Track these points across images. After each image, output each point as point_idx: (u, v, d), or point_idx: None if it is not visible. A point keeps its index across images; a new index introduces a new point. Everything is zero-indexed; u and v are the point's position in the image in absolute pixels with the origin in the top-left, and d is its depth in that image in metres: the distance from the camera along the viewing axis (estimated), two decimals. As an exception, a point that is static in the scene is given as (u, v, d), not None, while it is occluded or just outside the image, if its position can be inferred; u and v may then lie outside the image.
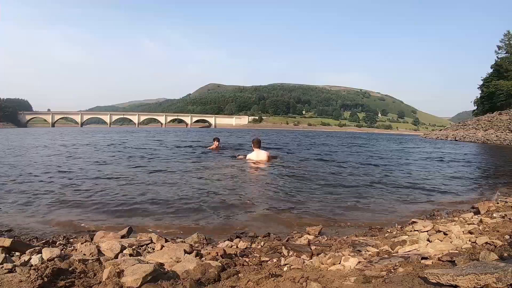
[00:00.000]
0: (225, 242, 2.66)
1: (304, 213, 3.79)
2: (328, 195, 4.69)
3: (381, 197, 4.69)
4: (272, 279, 1.66)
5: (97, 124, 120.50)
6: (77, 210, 3.65)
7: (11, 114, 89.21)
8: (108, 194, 4.38)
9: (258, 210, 3.86)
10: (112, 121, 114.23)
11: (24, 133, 31.08)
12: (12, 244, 1.97)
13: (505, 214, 3.21)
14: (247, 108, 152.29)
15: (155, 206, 3.87)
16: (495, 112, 36.52)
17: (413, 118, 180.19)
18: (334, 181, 5.82)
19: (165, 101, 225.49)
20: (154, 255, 2.11)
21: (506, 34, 45.21)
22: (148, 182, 5.25)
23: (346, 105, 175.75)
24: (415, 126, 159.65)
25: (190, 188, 4.88)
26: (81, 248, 2.12)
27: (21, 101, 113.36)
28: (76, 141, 16.63)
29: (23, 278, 1.48)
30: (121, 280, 1.53)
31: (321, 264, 2.02)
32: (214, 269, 1.76)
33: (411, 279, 1.56)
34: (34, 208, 3.70)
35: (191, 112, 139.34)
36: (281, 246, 2.43)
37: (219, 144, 10.76)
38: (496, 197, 4.66)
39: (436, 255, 2.00)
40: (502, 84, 39.79)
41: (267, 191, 4.82)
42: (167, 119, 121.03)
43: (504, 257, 1.78)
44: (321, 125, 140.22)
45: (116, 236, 2.63)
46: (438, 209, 4.12)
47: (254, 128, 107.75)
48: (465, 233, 2.57)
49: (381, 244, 2.47)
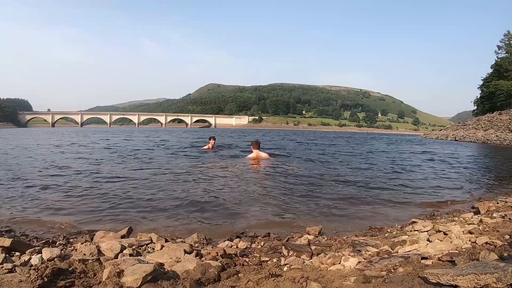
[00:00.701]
0: (225, 242, 2.66)
1: (304, 213, 3.79)
2: (328, 195, 4.69)
3: (381, 197, 4.69)
4: (272, 279, 1.66)
5: (97, 124, 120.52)
6: (77, 210, 3.65)
7: (11, 114, 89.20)
8: (108, 194, 4.38)
9: (258, 210, 3.86)
10: (112, 121, 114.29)
11: (23, 133, 31.06)
12: (12, 244, 1.97)
13: (505, 214, 3.21)
14: (247, 108, 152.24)
15: (155, 206, 3.88)
16: (495, 112, 36.51)
17: (413, 118, 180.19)
18: (334, 181, 5.82)
19: (165, 101, 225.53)
20: (154, 255, 2.11)
21: (506, 34, 45.25)
22: (148, 183, 5.25)
23: (346, 105, 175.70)
24: (415, 126, 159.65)
25: (190, 188, 4.88)
26: (81, 248, 2.11)
27: (21, 101, 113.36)
28: (78, 141, 16.65)
29: (23, 278, 1.48)
30: (121, 280, 1.53)
31: (321, 264, 2.02)
32: (214, 269, 1.76)
33: (411, 279, 1.56)
34: (34, 208, 3.70)
35: (191, 112, 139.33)
36: (281, 246, 2.43)
37: (215, 143, 10.75)
38: (496, 197, 4.66)
39: (436, 255, 2.00)
40: (502, 84, 39.79)
41: (267, 191, 4.82)
42: (167, 119, 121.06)
43: (504, 257, 1.78)
44: (321, 125, 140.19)
45: (116, 236, 2.63)
46: (438, 209, 4.12)
47: (254, 128, 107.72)
48: (465, 233, 2.57)
49: (381, 244, 2.47)
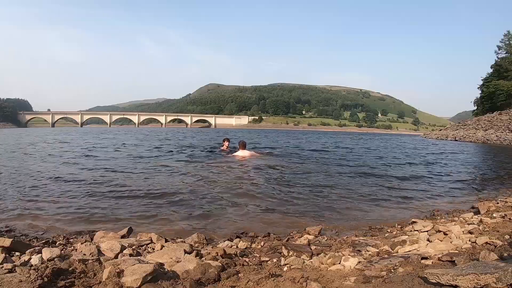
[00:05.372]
0: (225, 242, 2.66)
1: (304, 213, 3.79)
2: (328, 195, 4.69)
3: (381, 197, 4.69)
4: (272, 279, 1.66)
5: (97, 124, 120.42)
6: (77, 210, 3.65)
7: (11, 114, 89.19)
8: (107, 194, 4.38)
9: (258, 210, 3.86)
10: (112, 121, 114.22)
11: (20, 133, 31.05)
12: (12, 244, 1.97)
13: (505, 214, 3.21)
14: (247, 108, 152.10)
15: (155, 206, 3.88)
16: (495, 112, 36.46)
17: (413, 118, 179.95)
18: (334, 181, 5.82)
19: (165, 101, 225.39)
20: (154, 255, 2.11)
21: (506, 34, 45.19)
22: (148, 183, 5.25)
23: (346, 105, 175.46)
24: (415, 126, 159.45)
25: (190, 188, 4.88)
26: (81, 248, 2.11)
27: (21, 101, 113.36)
28: (82, 140, 16.64)
29: (23, 278, 1.48)
30: (121, 280, 1.53)
31: (321, 264, 2.02)
32: (214, 269, 1.76)
33: (411, 279, 1.56)
34: (34, 209, 3.69)
35: (191, 112, 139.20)
36: (281, 246, 2.43)
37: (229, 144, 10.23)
38: (496, 197, 4.66)
39: (436, 255, 2.00)
40: (502, 84, 39.74)
41: (267, 191, 4.81)
42: (167, 119, 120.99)
43: (504, 257, 1.78)
44: (321, 125, 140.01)
45: (116, 236, 2.63)
46: (438, 209, 4.12)
47: (254, 128, 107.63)
48: (465, 233, 2.57)
49: (381, 244, 2.47)
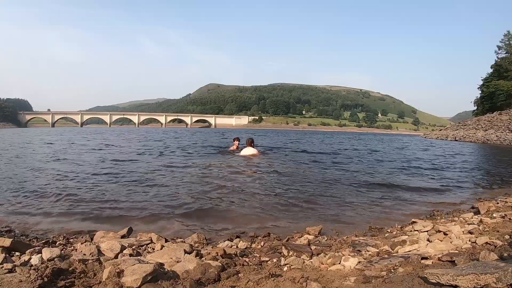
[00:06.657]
0: (225, 242, 2.66)
1: (304, 213, 3.79)
2: (328, 195, 4.69)
3: (381, 197, 4.69)
4: (272, 279, 1.66)
5: (97, 124, 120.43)
6: (77, 210, 3.65)
7: (11, 114, 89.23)
8: (107, 194, 4.38)
9: (258, 210, 3.86)
10: (112, 121, 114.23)
11: (19, 134, 31.05)
12: (12, 244, 1.97)
13: (505, 214, 3.21)
14: (247, 108, 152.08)
15: (155, 206, 3.88)
16: (495, 112, 36.46)
17: (413, 118, 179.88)
18: (334, 181, 5.82)
19: (165, 101, 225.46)
20: (154, 255, 2.11)
21: (506, 34, 45.17)
22: (148, 183, 5.25)
23: (346, 105, 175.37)
24: (415, 126, 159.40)
25: (191, 188, 4.88)
26: (81, 248, 2.11)
27: (21, 101, 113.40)
28: (84, 140, 16.64)
29: (23, 278, 1.48)
30: (121, 280, 1.53)
31: (321, 264, 2.02)
32: (214, 269, 1.76)
33: (411, 279, 1.56)
34: (34, 209, 3.70)
35: (191, 112, 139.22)
36: (281, 246, 2.43)
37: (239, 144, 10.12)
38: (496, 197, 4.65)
39: (436, 255, 2.00)
40: (502, 84, 39.73)
41: (267, 191, 4.81)
42: (167, 119, 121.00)
43: (504, 257, 1.78)
44: (321, 125, 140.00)
45: (116, 236, 2.63)
46: (438, 209, 4.12)
47: (254, 128, 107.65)
48: (465, 233, 2.57)
49: (381, 244, 2.46)
